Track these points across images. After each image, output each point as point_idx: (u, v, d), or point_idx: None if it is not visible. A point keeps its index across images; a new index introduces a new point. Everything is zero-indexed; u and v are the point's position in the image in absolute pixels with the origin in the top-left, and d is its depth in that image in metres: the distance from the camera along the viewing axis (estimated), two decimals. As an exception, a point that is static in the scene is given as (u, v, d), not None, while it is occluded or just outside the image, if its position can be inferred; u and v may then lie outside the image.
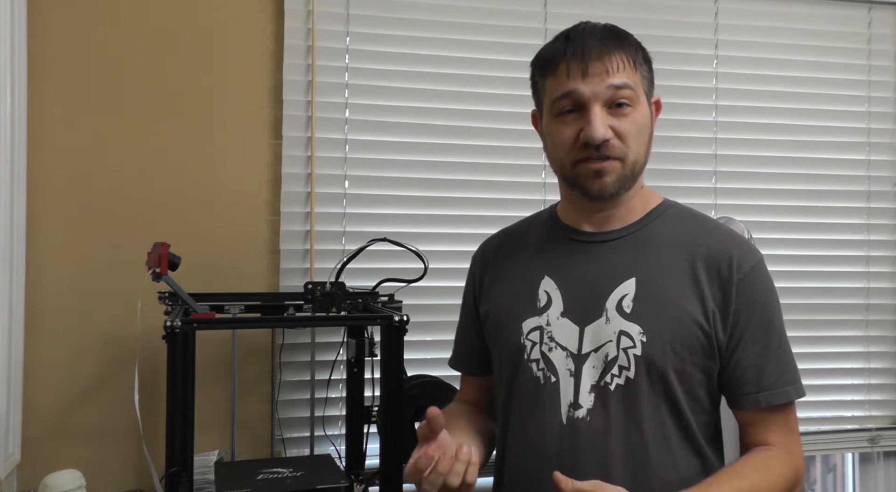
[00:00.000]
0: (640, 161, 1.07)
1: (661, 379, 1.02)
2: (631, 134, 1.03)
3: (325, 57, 1.80)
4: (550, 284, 1.10)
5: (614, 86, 1.02)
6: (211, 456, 1.59)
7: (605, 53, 1.03)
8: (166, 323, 1.27)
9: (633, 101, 1.04)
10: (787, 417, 1.06)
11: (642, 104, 1.06)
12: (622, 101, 1.03)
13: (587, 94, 1.02)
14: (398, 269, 1.75)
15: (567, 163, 1.06)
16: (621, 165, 1.04)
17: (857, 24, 2.10)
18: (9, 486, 1.52)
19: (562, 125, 1.05)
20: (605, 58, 1.02)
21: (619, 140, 1.03)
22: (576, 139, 1.03)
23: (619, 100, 1.02)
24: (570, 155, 1.05)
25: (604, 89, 1.02)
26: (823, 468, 2.30)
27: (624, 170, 1.04)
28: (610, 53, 1.03)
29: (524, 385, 1.09)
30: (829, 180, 2.08)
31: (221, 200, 1.76)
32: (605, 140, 1.01)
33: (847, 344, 2.08)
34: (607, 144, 1.02)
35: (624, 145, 1.03)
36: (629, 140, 1.03)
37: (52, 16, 1.67)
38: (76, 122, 1.69)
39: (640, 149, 1.06)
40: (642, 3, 1.98)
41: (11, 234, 1.51)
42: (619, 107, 1.03)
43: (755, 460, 1.03)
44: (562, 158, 1.06)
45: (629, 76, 1.04)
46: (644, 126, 1.06)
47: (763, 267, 1.07)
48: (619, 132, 1.02)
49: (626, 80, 1.03)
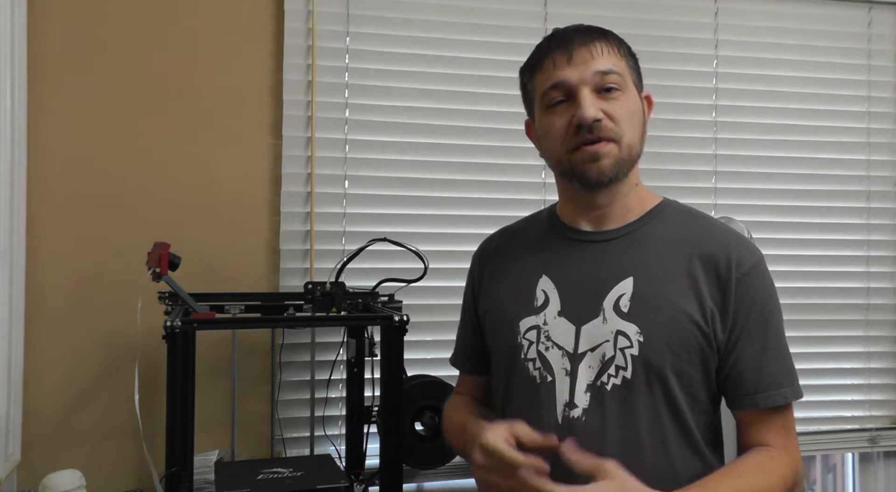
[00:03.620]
0: (636, 147, 1.07)
1: (660, 379, 1.02)
2: (622, 117, 1.04)
3: (325, 57, 1.80)
4: (548, 283, 1.10)
5: (601, 71, 1.03)
6: (211, 456, 1.59)
7: (588, 41, 1.05)
8: (166, 323, 1.27)
9: (621, 85, 1.05)
10: (785, 418, 1.06)
11: (631, 91, 1.07)
12: (610, 85, 1.04)
13: (574, 80, 1.03)
14: (398, 269, 1.76)
15: (563, 152, 1.06)
16: (617, 148, 1.04)
17: (857, 24, 2.10)
18: (9, 486, 1.53)
19: (553, 116, 1.06)
20: (588, 44, 1.04)
21: (612, 122, 1.03)
22: (568, 126, 1.04)
23: (607, 84, 1.04)
24: (564, 144, 1.05)
25: (591, 75, 1.03)
26: (823, 468, 2.30)
27: (620, 153, 1.04)
28: (593, 41, 1.05)
29: (521, 384, 1.09)
30: (829, 180, 2.08)
31: (221, 199, 1.76)
32: (598, 120, 1.02)
33: (847, 344, 2.07)
34: (599, 125, 1.02)
35: (617, 127, 1.04)
36: (621, 123, 1.04)
37: (52, 16, 1.68)
38: (76, 122, 1.69)
39: (633, 133, 1.06)
40: (642, 3, 1.98)
41: (11, 234, 1.51)
42: (608, 92, 1.04)
43: (753, 461, 1.03)
44: (557, 150, 1.06)
45: (614, 62, 1.05)
46: (635, 112, 1.07)
47: (763, 266, 1.07)
48: (611, 114, 1.03)
49: (612, 66, 1.04)
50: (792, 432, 1.07)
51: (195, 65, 1.75)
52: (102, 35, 1.71)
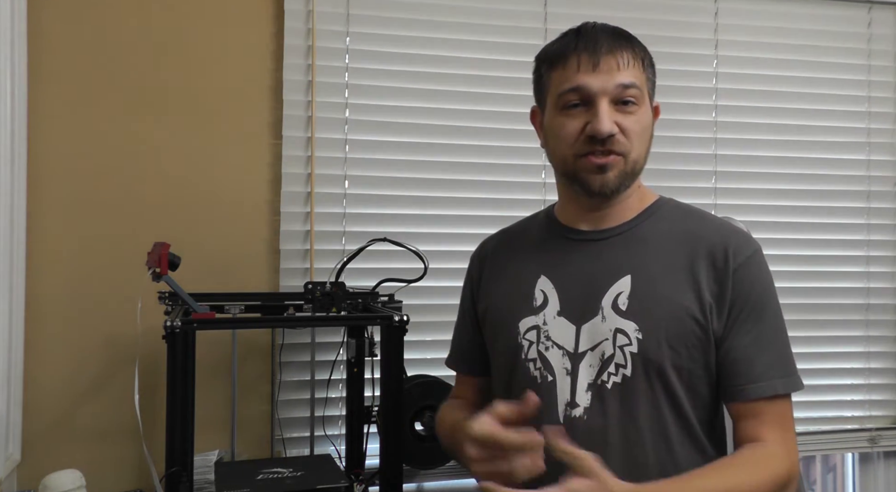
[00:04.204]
0: (641, 161, 1.07)
1: (659, 375, 1.02)
2: (635, 132, 1.04)
3: (325, 57, 1.80)
4: (547, 283, 1.10)
5: (623, 85, 1.03)
6: (211, 456, 1.59)
7: (617, 49, 1.04)
8: (166, 323, 1.27)
9: (638, 100, 1.04)
10: (780, 411, 1.02)
11: (646, 106, 1.07)
12: (628, 98, 1.03)
13: (596, 89, 1.02)
14: (398, 269, 1.75)
15: (569, 157, 1.05)
16: (624, 162, 1.04)
17: (857, 24, 2.10)
18: (9, 486, 1.52)
19: (567, 118, 1.05)
20: (616, 53, 1.03)
21: (624, 137, 1.03)
22: (580, 133, 1.03)
23: (626, 98, 1.03)
24: (573, 149, 1.05)
25: (613, 86, 1.02)
26: (823, 468, 2.30)
27: (626, 167, 1.05)
28: (621, 50, 1.04)
29: (521, 384, 1.09)
30: (829, 180, 2.08)
31: (221, 199, 1.76)
32: (612, 135, 1.02)
33: (847, 344, 2.07)
34: (612, 139, 1.02)
35: (628, 142, 1.04)
36: (633, 138, 1.04)
37: (52, 16, 1.67)
38: (76, 122, 1.69)
39: (641, 149, 1.06)
40: (642, 3, 1.98)
41: (11, 233, 1.51)
42: (624, 104, 1.03)
43: (744, 456, 1.00)
44: (564, 153, 1.06)
45: (637, 76, 1.05)
46: (647, 127, 1.07)
47: (760, 258, 1.06)
48: (624, 129, 1.03)
49: (634, 80, 1.04)
50: (789, 428, 1.03)
51: (195, 65, 1.75)
52: (102, 35, 1.71)
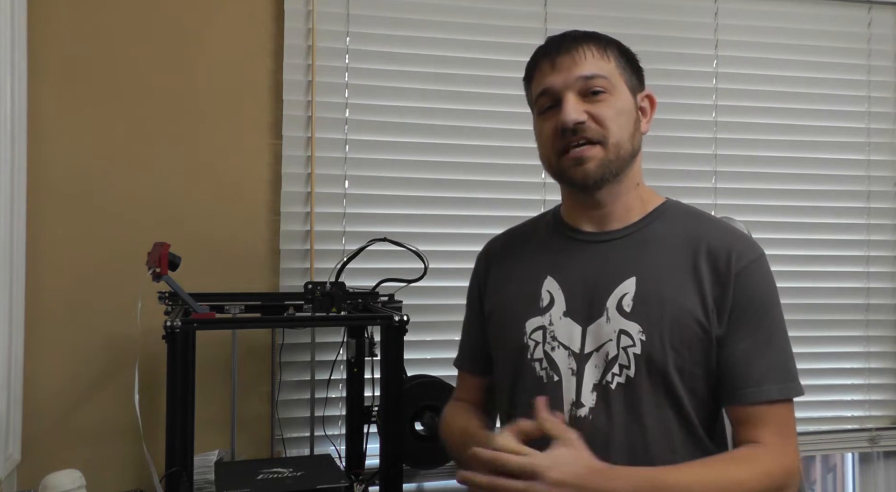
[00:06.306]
0: (625, 146, 1.07)
1: (662, 377, 1.02)
2: (608, 117, 1.05)
3: (325, 57, 1.80)
4: (553, 283, 1.11)
5: (584, 76, 1.05)
6: (211, 456, 1.59)
7: (573, 47, 1.07)
8: (166, 323, 1.27)
9: (608, 88, 1.06)
10: (779, 417, 1.02)
11: (621, 92, 1.08)
12: (596, 88, 1.05)
13: (558, 86, 1.06)
14: (398, 269, 1.76)
15: (552, 157, 1.09)
16: (602, 150, 1.05)
17: (857, 24, 2.10)
18: (9, 486, 1.52)
19: (544, 122, 1.09)
20: (573, 50, 1.06)
21: (596, 123, 1.04)
22: (555, 131, 1.06)
23: (593, 88, 1.05)
24: (552, 148, 1.08)
25: (573, 79, 1.05)
26: (823, 468, 2.30)
27: (606, 154, 1.05)
28: (580, 46, 1.07)
29: (527, 384, 1.09)
30: (829, 180, 2.08)
31: (221, 199, 1.76)
32: (580, 123, 1.03)
33: (847, 344, 2.07)
34: (582, 127, 1.04)
35: (601, 129, 1.05)
36: (607, 123, 1.05)
37: (52, 16, 1.67)
38: (76, 122, 1.69)
39: (621, 133, 1.06)
40: (642, 3, 1.97)
41: (11, 233, 1.51)
42: (594, 95, 1.05)
43: (737, 453, 1.02)
44: (547, 154, 1.10)
45: (599, 66, 1.06)
46: (624, 110, 1.07)
47: (763, 263, 1.07)
48: (596, 116, 1.05)
49: (597, 71, 1.06)
50: (787, 434, 1.02)
51: (195, 65, 1.75)
52: (102, 35, 1.71)
